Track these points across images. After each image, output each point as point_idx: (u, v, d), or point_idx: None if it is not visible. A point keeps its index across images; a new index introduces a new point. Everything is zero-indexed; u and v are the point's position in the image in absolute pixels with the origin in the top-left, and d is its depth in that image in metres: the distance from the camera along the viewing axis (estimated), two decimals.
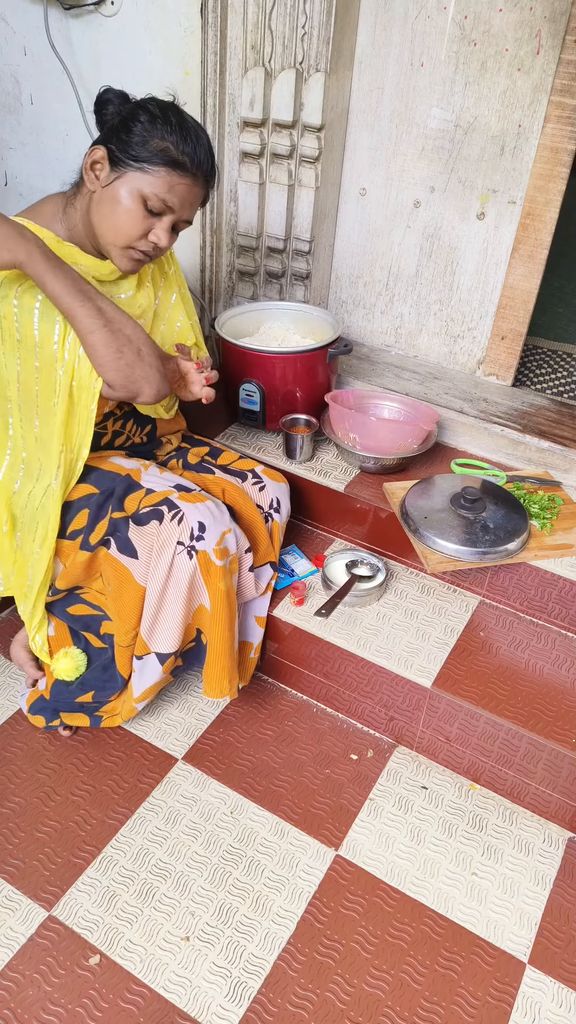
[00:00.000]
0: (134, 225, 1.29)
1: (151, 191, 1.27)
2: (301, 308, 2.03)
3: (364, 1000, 1.25)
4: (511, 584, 1.69)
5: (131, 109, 1.28)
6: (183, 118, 1.28)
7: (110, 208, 1.29)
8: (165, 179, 1.27)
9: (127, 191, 1.27)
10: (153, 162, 1.26)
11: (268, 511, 1.64)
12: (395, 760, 1.62)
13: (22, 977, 1.25)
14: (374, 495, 1.79)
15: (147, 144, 1.25)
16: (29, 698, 1.61)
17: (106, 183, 1.28)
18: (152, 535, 1.40)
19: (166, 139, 1.25)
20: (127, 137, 1.26)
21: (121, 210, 1.28)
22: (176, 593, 1.40)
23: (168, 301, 1.56)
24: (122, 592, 1.43)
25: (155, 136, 1.25)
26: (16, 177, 2.45)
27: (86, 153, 1.30)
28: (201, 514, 1.39)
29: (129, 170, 1.26)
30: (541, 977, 1.30)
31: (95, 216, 1.31)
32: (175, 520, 1.39)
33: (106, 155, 1.27)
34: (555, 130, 1.79)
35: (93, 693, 1.54)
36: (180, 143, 1.26)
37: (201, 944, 1.31)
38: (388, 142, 1.99)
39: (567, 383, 2.33)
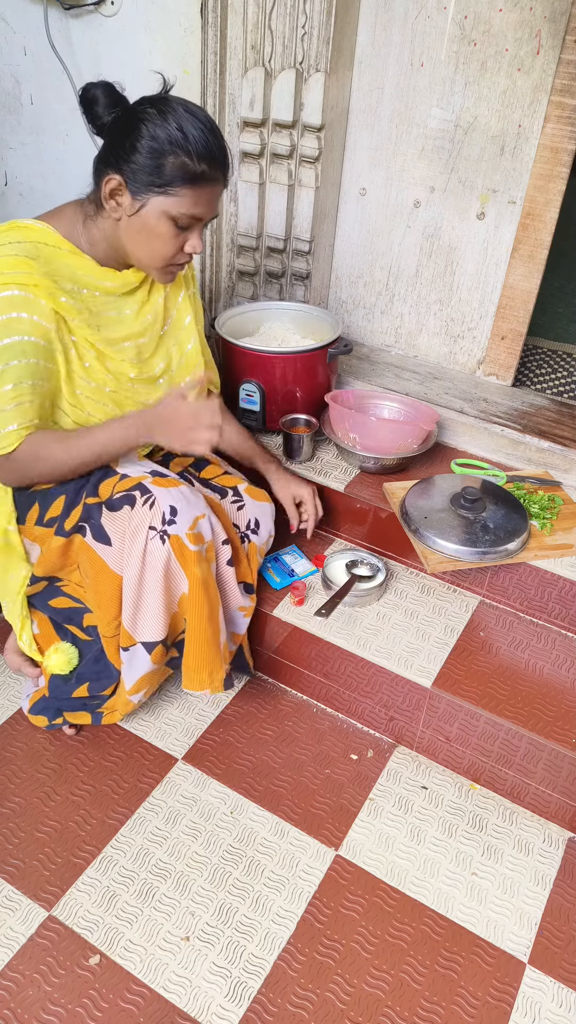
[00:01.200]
0: (170, 246, 1.30)
1: (178, 212, 1.25)
2: (301, 308, 2.03)
3: (364, 1000, 1.25)
4: (511, 584, 1.69)
5: (129, 119, 1.23)
6: (184, 121, 1.22)
7: (143, 237, 1.28)
8: (190, 197, 1.25)
9: (155, 217, 1.26)
10: (174, 184, 1.23)
11: (245, 532, 1.60)
12: (395, 760, 1.62)
13: (22, 977, 1.25)
14: (374, 495, 1.79)
15: (162, 168, 1.22)
16: (32, 698, 1.61)
17: (131, 212, 1.26)
18: (124, 521, 1.38)
19: (179, 155, 1.21)
20: (139, 159, 1.22)
21: (154, 236, 1.28)
22: (153, 579, 1.37)
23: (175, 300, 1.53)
24: (99, 581, 1.42)
25: (167, 155, 1.21)
26: (16, 177, 2.45)
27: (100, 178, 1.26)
28: (173, 498, 1.37)
29: (151, 195, 1.24)
30: (541, 977, 1.30)
31: (127, 243, 1.30)
32: (147, 504, 1.36)
33: (123, 182, 1.24)
34: (555, 130, 1.79)
35: (88, 685, 1.53)
36: (194, 153, 1.22)
37: (201, 944, 1.31)
38: (388, 142, 1.99)
39: (567, 383, 2.33)
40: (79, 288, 1.33)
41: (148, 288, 1.45)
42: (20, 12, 2.11)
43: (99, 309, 1.37)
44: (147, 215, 1.26)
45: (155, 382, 1.51)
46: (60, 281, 1.29)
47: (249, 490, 1.63)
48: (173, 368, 1.54)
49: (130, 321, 1.43)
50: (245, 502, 1.61)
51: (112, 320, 1.40)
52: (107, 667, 1.52)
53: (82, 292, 1.34)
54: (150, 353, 1.49)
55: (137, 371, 1.45)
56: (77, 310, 1.32)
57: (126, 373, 1.43)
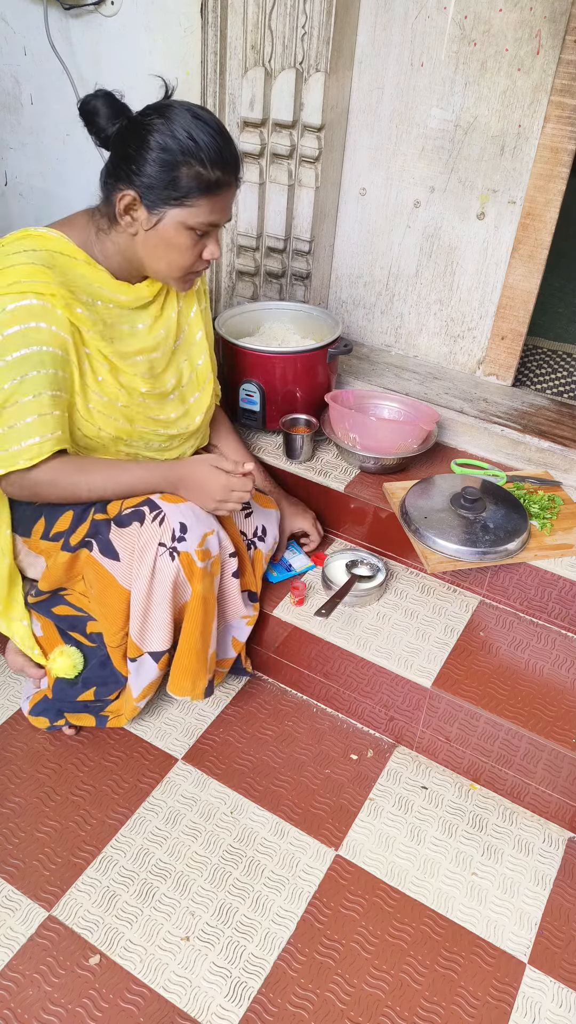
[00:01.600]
0: (189, 256, 1.29)
1: (196, 222, 1.25)
2: (301, 308, 2.03)
3: (364, 1000, 1.25)
4: (511, 584, 1.69)
5: (136, 130, 1.21)
6: (194, 129, 1.20)
7: (162, 250, 1.28)
8: (207, 206, 1.24)
9: (174, 229, 1.25)
10: (190, 196, 1.22)
11: (251, 539, 1.61)
12: (395, 760, 1.62)
13: (22, 977, 1.25)
14: (374, 495, 1.79)
15: (177, 181, 1.20)
16: (32, 700, 1.61)
17: (148, 227, 1.26)
18: (133, 537, 1.38)
19: (192, 164, 1.20)
20: (151, 172, 1.20)
21: (173, 248, 1.28)
22: (162, 595, 1.38)
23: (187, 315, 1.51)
24: (106, 595, 1.42)
25: (181, 166, 1.20)
26: (16, 177, 2.45)
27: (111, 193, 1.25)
28: (183, 514, 1.37)
29: (168, 209, 1.23)
30: (541, 977, 1.30)
31: (145, 256, 1.30)
32: (156, 521, 1.36)
33: (137, 197, 1.23)
34: (555, 130, 1.79)
35: (95, 690, 1.53)
36: (208, 161, 1.20)
37: (201, 944, 1.31)
38: (388, 142, 1.99)
39: (567, 383, 2.33)
40: (94, 300, 1.31)
41: (162, 302, 1.44)
42: (20, 12, 2.11)
43: (113, 322, 1.36)
44: (165, 228, 1.25)
45: (166, 397, 1.49)
46: (76, 292, 1.28)
47: (257, 497, 1.63)
48: (184, 383, 1.52)
49: (143, 335, 1.41)
50: (253, 509, 1.62)
51: (125, 334, 1.39)
52: (114, 673, 1.52)
53: (96, 304, 1.32)
54: (162, 368, 1.47)
55: (149, 386, 1.43)
56: (92, 321, 1.31)
57: (138, 388, 1.41)
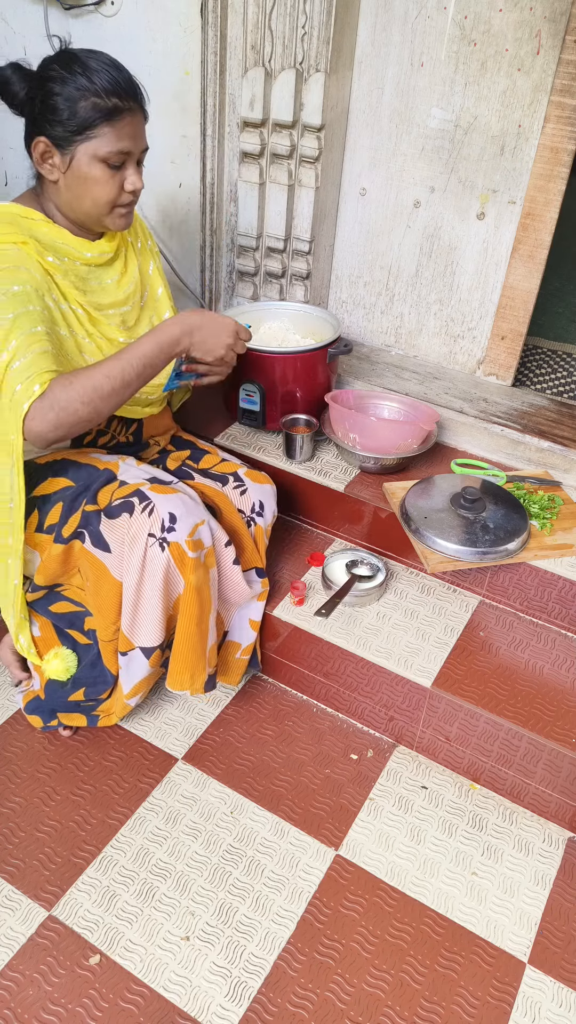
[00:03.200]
0: (109, 188, 1.32)
1: (106, 151, 1.28)
2: (301, 308, 2.02)
3: (364, 1000, 1.25)
4: (511, 584, 1.69)
5: (39, 84, 1.27)
6: (84, 62, 1.26)
7: (81, 187, 1.31)
8: (110, 133, 1.27)
9: (86, 164, 1.29)
10: (92, 125, 1.26)
11: (250, 515, 1.61)
12: (395, 760, 1.62)
13: (22, 977, 1.26)
14: (374, 495, 1.79)
15: (76, 113, 1.25)
16: (25, 697, 1.61)
17: (65, 168, 1.30)
18: (123, 528, 1.38)
19: (88, 96, 1.25)
20: (55, 117, 1.25)
21: (91, 182, 1.30)
22: (152, 586, 1.38)
23: (147, 271, 1.58)
24: (100, 586, 1.42)
25: (77, 100, 1.25)
26: (16, 177, 2.45)
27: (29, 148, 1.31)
28: (172, 505, 1.37)
29: (77, 145, 1.27)
30: (541, 977, 1.30)
31: (71, 199, 1.33)
32: (146, 511, 1.36)
33: (49, 142, 1.28)
34: (555, 130, 1.79)
35: (84, 690, 1.53)
36: (102, 91, 1.25)
37: (201, 944, 1.31)
38: (388, 142, 1.99)
39: (567, 383, 2.33)
40: (60, 257, 1.36)
41: (124, 259, 1.49)
42: (20, 12, 2.11)
43: (84, 276, 1.41)
44: (78, 165, 1.29)
45: None
46: (44, 246, 1.33)
47: (249, 473, 1.64)
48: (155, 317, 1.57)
49: (113, 290, 1.46)
50: (247, 486, 1.62)
51: (96, 289, 1.44)
52: (103, 672, 1.51)
53: (64, 260, 1.37)
54: (134, 321, 1.52)
55: (125, 336, 1.47)
56: (64, 271, 1.36)
57: (115, 338, 1.46)
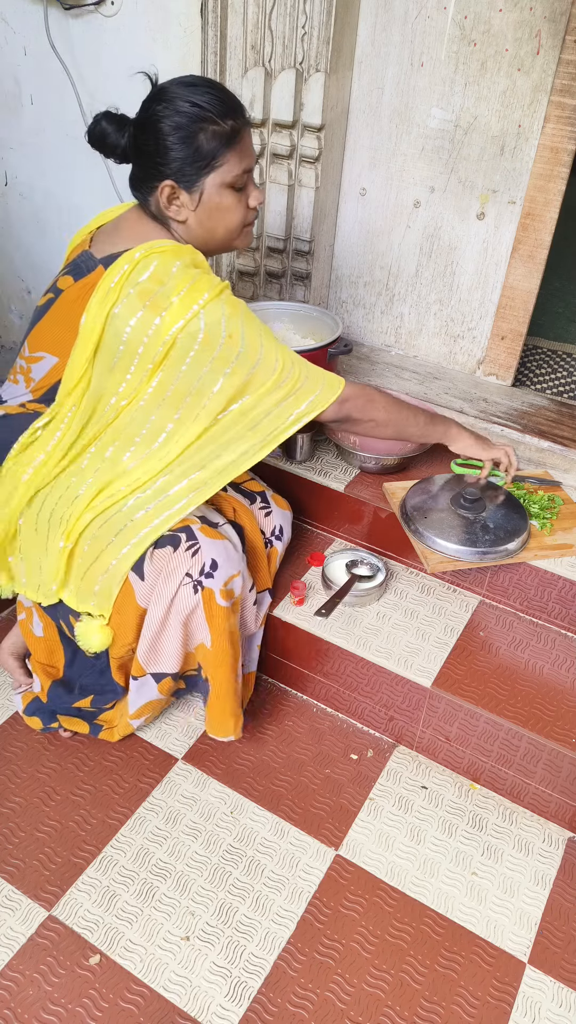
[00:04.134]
0: (238, 212, 1.35)
1: (233, 176, 1.30)
2: (301, 308, 2.02)
3: (364, 1000, 1.25)
4: (511, 584, 1.69)
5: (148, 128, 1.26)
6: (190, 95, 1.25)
7: (216, 218, 1.33)
8: (234, 157, 1.29)
9: (217, 194, 1.30)
10: (217, 156, 1.27)
11: (269, 537, 1.63)
12: (395, 760, 1.62)
13: (22, 977, 1.26)
14: (374, 495, 1.79)
15: (199, 148, 1.25)
16: (24, 698, 1.61)
17: (195, 206, 1.30)
18: (163, 560, 1.37)
19: (206, 127, 1.25)
20: (175, 155, 1.25)
21: (223, 211, 1.33)
22: (176, 623, 1.39)
23: None
24: (123, 608, 1.41)
25: (198, 134, 1.25)
26: (16, 177, 2.45)
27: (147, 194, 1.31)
28: (216, 552, 1.37)
29: (204, 179, 1.28)
30: (541, 977, 1.30)
31: (203, 233, 1.34)
32: (190, 551, 1.36)
33: (175, 184, 1.28)
34: (555, 130, 1.79)
35: (92, 698, 1.53)
36: (216, 116, 1.25)
37: (201, 944, 1.31)
38: (388, 142, 1.99)
39: (567, 383, 2.33)
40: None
41: None
42: (20, 12, 2.11)
43: None
44: (209, 197, 1.30)
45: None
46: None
47: (274, 497, 1.68)
48: None
49: None
50: (272, 509, 1.65)
51: None
52: (111, 682, 1.51)
53: None
54: None
55: None
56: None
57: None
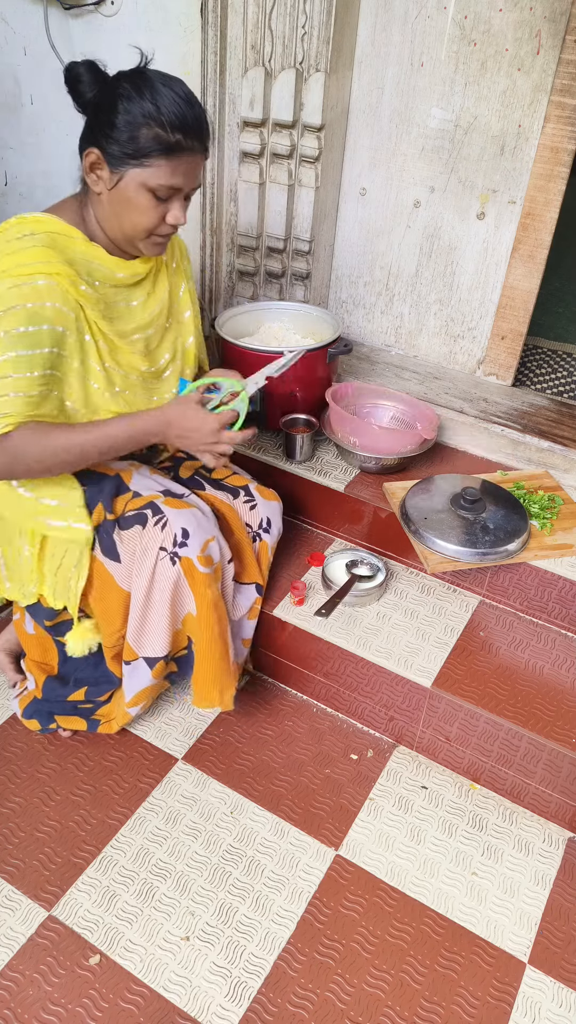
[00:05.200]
0: (149, 217, 1.29)
1: (156, 183, 1.25)
2: (301, 308, 2.02)
3: (364, 1000, 1.25)
4: (511, 584, 1.69)
5: (108, 96, 1.24)
6: (158, 91, 1.22)
7: (123, 208, 1.28)
8: (165, 167, 1.24)
9: (133, 189, 1.26)
10: (149, 155, 1.23)
11: (257, 531, 1.62)
12: (395, 760, 1.62)
13: (22, 977, 1.26)
14: (374, 495, 1.79)
15: (136, 138, 1.22)
16: (21, 702, 1.61)
17: (111, 185, 1.27)
18: (135, 540, 1.38)
19: (152, 125, 1.21)
20: (114, 133, 1.22)
21: (133, 207, 1.28)
22: (161, 599, 1.38)
23: (177, 293, 1.54)
24: (105, 594, 1.42)
25: (140, 126, 1.21)
26: (16, 177, 2.45)
27: (82, 155, 1.28)
28: (185, 520, 1.38)
29: (128, 168, 1.24)
30: (541, 977, 1.30)
31: (110, 216, 1.30)
32: (158, 525, 1.37)
33: (102, 155, 1.25)
34: (555, 130, 1.79)
35: (86, 690, 1.53)
36: (168, 124, 1.22)
37: (201, 944, 1.31)
38: (388, 142, 1.99)
39: (567, 383, 2.33)
40: (93, 279, 1.33)
41: (154, 279, 1.46)
42: (20, 12, 2.11)
43: (110, 300, 1.37)
44: (125, 186, 1.26)
45: (162, 375, 1.50)
46: (78, 271, 1.30)
47: (258, 489, 1.64)
48: (177, 361, 1.53)
49: (138, 312, 1.43)
50: (257, 501, 1.62)
51: (122, 312, 1.40)
52: (106, 673, 1.52)
53: (95, 284, 1.34)
54: (156, 344, 1.48)
55: (147, 364, 1.44)
56: (95, 300, 1.33)
57: (137, 367, 1.42)
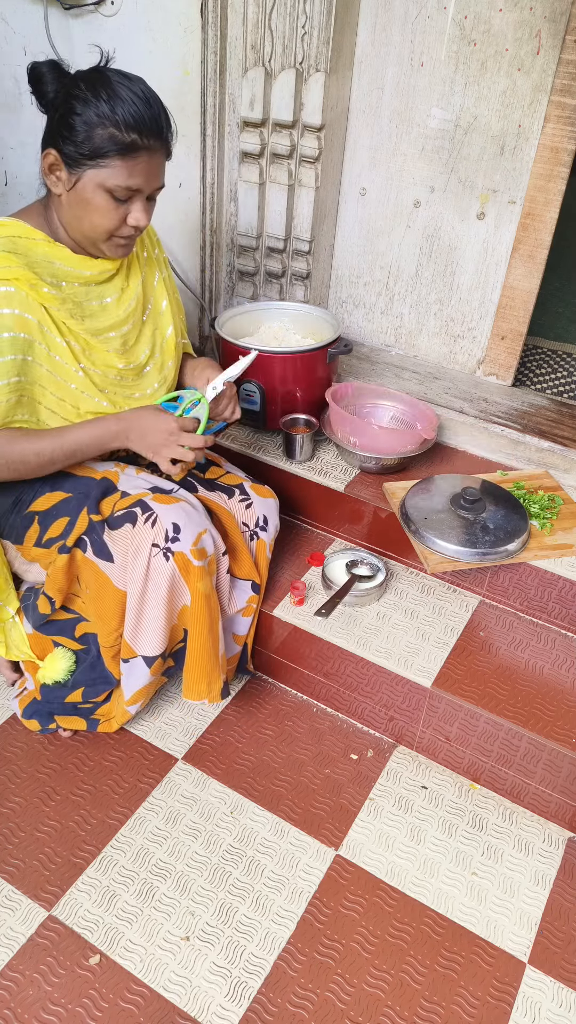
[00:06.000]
0: (109, 219, 1.28)
1: (113, 184, 1.24)
2: (301, 308, 2.02)
3: (364, 1000, 1.25)
4: (511, 584, 1.69)
5: (64, 96, 1.23)
6: (114, 90, 1.21)
7: (82, 209, 1.27)
8: (122, 168, 1.23)
9: (91, 190, 1.25)
10: (105, 155, 1.22)
11: (254, 529, 1.61)
12: (395, 760, 1.62)
13: (22, 977, 1.26)
14: (374, 495, 1.79)
15: (92, 138, 1.21)
16: (21, 702, 1.61)
17: (69, 186, 1.26)
18: (126, 538, 1.38)
19: (107, 126, 1.20)
20: (71, 135, 1.21)
21: (92, 209, 1.27)
22: (156, 596, 1.38)
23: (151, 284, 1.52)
24: (102, 595, 1.42)
25: (95, 126, 1.20)
26: (16, 177, 2.45)
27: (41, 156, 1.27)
28: (175, 515, 1.37)
29: (85, 168, 1.23)
30: (541, 977, 1.30)
31: (71, 218, 1.30)
32: (148, 522, 1.37)
33: (59, 156, 1.25)
34: (555, 130, 1.79)
35: (83, 691, 1.53)
36: (121, 124, 1.20)
37: (201, 944, 1.31)
38: (388, 142, 1.99)
39: (567, 383, 2.33)
40: (58, 280, 1.33)
41: (125, 273, 1.44)
42: (20, 12, 2.11)
43: (81, 300, 1.37)
44: (83, 188, 1.25)
45: (142, 371, 1.49)
46: (40, 274, 1.30)
47: (254, 487, 1.64)
48: (157, 354, 1.52)
49: (113, 309, 1.42)
50: (252, 500, 1.61)
51: (95, 310, 1.39)
52: (104, 673, 1.51)
53: (62, 285, 1.33)
54: (134, 340, 1.47)
55: (124, 361, 1.44)
56: (61, 300, 1.32)
57: (114, 365, 1.42)
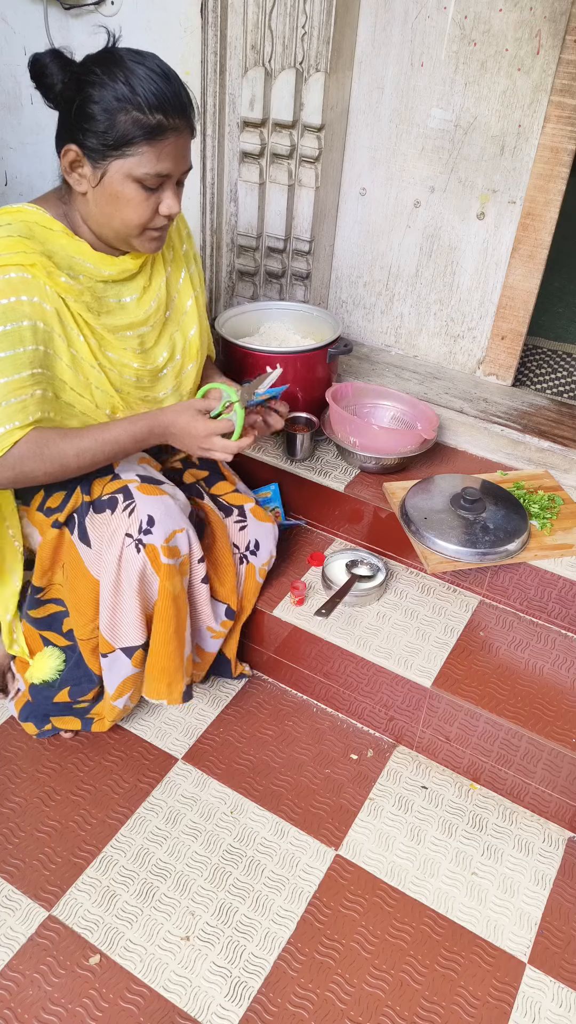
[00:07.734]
0: (141, 211, 1.21)
1: (142, 172, 1.16)
2: (301, 308, 2.02)
3: (364, 1000, 1.25)
4: (511, 584, 1.69)
5: (77, 85, 1.14)
6: (130, 68, 1.13)
7: (111, 205, 1.20)
8: (150, 153, 1.16)
9: (119, 182, 1.17)
10: (131, 142, 1.14)
11: (244, 553, 1.59)
12: (395, 760, 1.62)
13: (22, 977, 1.25)
14: (374, 495, 1.79)
15: (115, 126, 1.13)
16: (16, 704, 1.60)
17: (95, 182, 1.18)
18: (104, 524, 1.35)
19: (129, 110, 1.12)
20: (91, 125, 1.14)
21: (122, 203, 1.19)
22: (129, 587, 1.35)
23: (175, 283, 1.45)
24: (76, 583, 1.40)
25: (117, 112, 1.12)
26: (16, 177, 2.45)
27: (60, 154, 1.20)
28: (152, 507, 1.33)
29: (111, 160, 1.16)
30: (541, 977, 1.30)
31: (98, 215, 1.23)
32: (126, 511, 1.33)
33: (80, 151, 1.17)
34: (555, 130, 1.79)
35: (68, 690, 1.51)
36: (146, 105, 1.13)
37: (201, 944, 1.31)
38: (388, 142, 1.99)
39: (567, 383, 2.33)
40: (76, 274, 1.26)
41: (148, 272, 1.37)
42: (20, 12, 2.11)
43: (99, 295, 1.30)
44: (110, 182, 1.17)
45: (158, 374, 1.44)
46: (58, 263, 1.23)
47: (255, 511, 1.61)
48: (177, 357, 1.46)
49: (132, 309, 1.36)
50: (248, 523, 1.59)
51: (113, 307, 1.33)
52: (87, 672, 1.50)
53: (79, 278, 1.27)
54: (153, 342, 1.41)
55: (140, 362, 1.38)
56: (79, 292, 1.26)
57: (129, 364, 1.36)
